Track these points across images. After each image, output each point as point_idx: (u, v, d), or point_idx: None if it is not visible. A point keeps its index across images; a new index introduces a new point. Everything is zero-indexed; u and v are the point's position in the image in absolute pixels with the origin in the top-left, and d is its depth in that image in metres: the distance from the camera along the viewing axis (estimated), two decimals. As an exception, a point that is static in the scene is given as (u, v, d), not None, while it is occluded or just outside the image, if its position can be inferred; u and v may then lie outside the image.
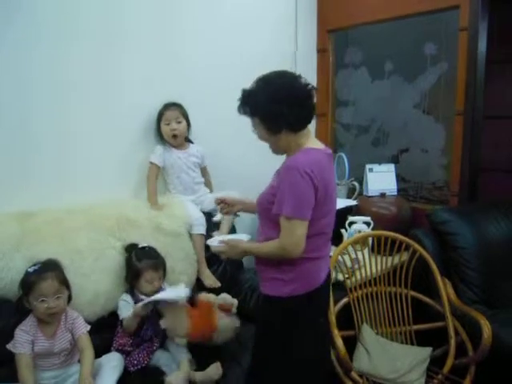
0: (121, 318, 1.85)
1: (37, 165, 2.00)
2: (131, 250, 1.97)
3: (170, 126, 2.25)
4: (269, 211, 1.52)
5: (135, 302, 1.87)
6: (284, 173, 1.47)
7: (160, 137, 2.31)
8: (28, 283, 1.64)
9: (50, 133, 2.03)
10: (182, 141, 2.32)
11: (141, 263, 1.90)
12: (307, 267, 1.54)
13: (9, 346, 1.60)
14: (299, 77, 1.53)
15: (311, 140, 1.58)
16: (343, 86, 3.26)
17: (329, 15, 3.11)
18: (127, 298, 1.90)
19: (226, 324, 1.94)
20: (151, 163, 2.25)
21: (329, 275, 1.67)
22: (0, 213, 1.83)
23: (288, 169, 1.46)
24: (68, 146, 2.09)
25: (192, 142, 2.41)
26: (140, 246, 1.98)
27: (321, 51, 3.23)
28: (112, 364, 1.73)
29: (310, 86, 1.52)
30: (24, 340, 1.61)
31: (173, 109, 2.27)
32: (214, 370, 1.77)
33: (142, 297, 1.89)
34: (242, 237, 1.72)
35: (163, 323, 1.82)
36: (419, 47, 2.79)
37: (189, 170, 2.32)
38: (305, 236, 1.46)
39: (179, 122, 2.26)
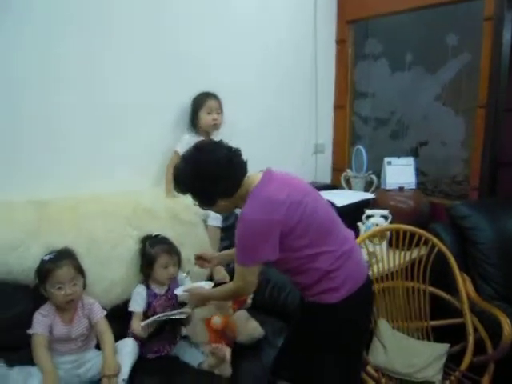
0: (129, 309, 1.86)
1: (58, 153, 2.02)
2: (145, 240, 1.98)
3: (212, 115, 2.24)
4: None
5: (148, 295, 1.88)
6: (237, 223, 1.50)
7: (193, 125, 2.30)
8: (44, 271, 1.67)
9: (73, 121, 2.04)
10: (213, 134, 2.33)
11: (154, 249, 1.91)
12: (349, 264, 1.54)
13: (29, 331, 1.63)
14: (219, 145, 1.55)
15: (251, 179, 1.54)
16: (362, 77, 3.20)
17: (348, 6, 3.07)
18: (141, 289, 1.90)
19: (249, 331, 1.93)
20: (175, 152, 2.24)
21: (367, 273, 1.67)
22: (18, 201, 1.84)
23: (238, 222, 1.50)
24: (91, 135, 2.10)
25: None
26: (153, 235, 1.99)
27: (340, 42, 3.19)
28: (127, 350, 1.74)
29: (232, 150, 1.53)
30: (41, 322, 1.64)
31: (214, 98, 2.28)
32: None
33: (156, 289, 1.90)
34: (202, 285, 1.84)
35: (185, 331, 1.87)
36: (441, 38, 2.73)
37: None
38: (255, 283, 1.55)
39: (218, 113, 2.27)
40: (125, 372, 1.63)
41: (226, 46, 2.54)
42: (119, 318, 1.88)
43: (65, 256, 1.71)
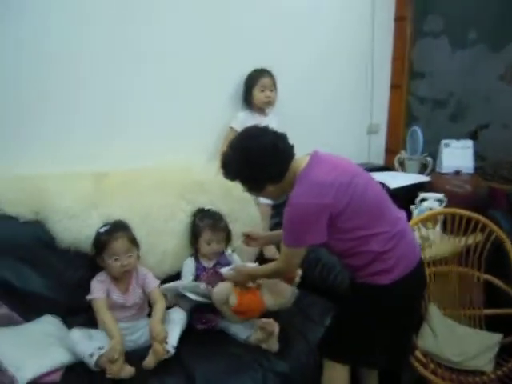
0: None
1: (117, 127, 2.08)
2: (197, 213, 2.02)
3: (265, 93, 2.24)
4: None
5: (197, 267, 1.93)
6: (286, 206, 1.50)
7: (247, 102, 2.31)
8: (101, 242, 1.73)
9: (132, 97, 2.10)
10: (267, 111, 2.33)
11: (202, 222, 1.95)
12: (402, 246, 1.52)
13: (87, 296, 1.70)
14: (264, 131, 1.54)
15: (298, 163, 1.54)
16: (420, 56, 3.08)
17: (409, -19, 2.94)
18: (189, 261, 1.95)
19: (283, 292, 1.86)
20: (231, 128, 2.25)
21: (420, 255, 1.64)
22: (79, 172, 1.92)
23: (286, 205, 1.50)
24: (148, 110, 2.15)
25: None
26: (206, 208, 2.02)
27: (399, 19, 3.07)
28: (176, 318, 1.78)
29: (278, 135, 1.54)
30: (100, 288, 1.71)
31: (268, 76, 2.27)
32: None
33: (205, 262, 1.95)
34: (249, 264, 1.87)
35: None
36: (508, 13, 2.57)
37: None
38: (299, 263, 1.60)
39: (272, 91, 2.26)
40: (174, 339, 1.67)
41: (284, 24, 2.51)
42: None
43: (120, 228, 1.77)
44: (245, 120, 2.24)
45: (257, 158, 1.48)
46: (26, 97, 1.86)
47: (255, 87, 2.25)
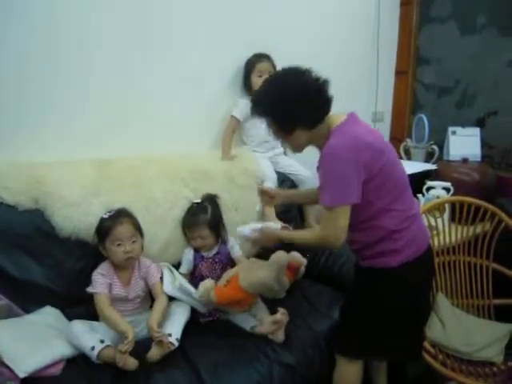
0: (179, 271, 1.88)
1: (120, 114, 2.03)
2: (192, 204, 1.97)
3: (263, 78, 2.17)
4: None
5: (195, 257, 1.90)
6: (320, 161, 1.42)
7: (246, 88, 2.25)
8: (104, 228, 1.68)
9: (137, 85, 2.05)
10: None
11: (184, 219, 1.94)
12: (414, 229, 1.48)
13: (89, 289, 1.66)
14: (308, 72, 1.43)
15: (334, 118, 1.47)
16: (427, 42, 3.01)
17: (416, -36, 2.88)
18: (187, 250, 1.93)
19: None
20: (232, 116, 2.21)
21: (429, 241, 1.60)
22: (79, 159, 1.87)
23: (322, 158, 1.41)
24: (151, 97, 2.10)
25: None
26: (194, 202, 1.97)
27: (405, 4, 3.01)
28: (179, 310, 1.74)
29: (320, 81, 1.43)
30: (102, 281, 1.66)
31: (265, 61, 2.20)
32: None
33: (203, 251, 1.91)
34: (271, 225, 1.73)
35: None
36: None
37: None
38: (346, 226, 1.41)
39: None
40: (177, 332, 1.63)
41: (287, 9, 2.45)
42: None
43: (124, 214, 1.73)
44: (246, 107, 2.19)
45: (295, 96, 1.39)
46: (26, 84, 1.80)
47: (253, 73, 2.20)
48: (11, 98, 1.78)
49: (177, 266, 1.92)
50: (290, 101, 1.39)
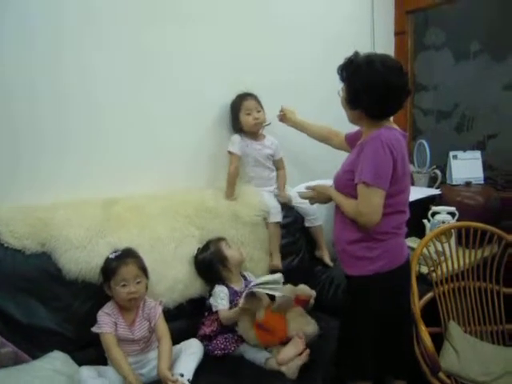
0: (215, 309, 1.86)
1: (119, 152, 2.04)
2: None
3: (252, 115, 2.20)
4: (347, 187, 1.59)
5: (230, 293, 1.89)
6: (367, 143, 1.51)
7: (236, 128, 2.27)
8: (110, 268, 1.68)
9: (131, 123, 2.05)
10: (260, 131, 2.29)
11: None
12: (392, 243, 1.58)
13: (94, 329, 1.64)
14: (400, 71, 1.53)
15: (389, 122, 1.62)
16: (423, 69, 3.07)
17: (407, -5, 2.94)
18: (222, 287, 1.90)
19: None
20: (230, 153, 2.20)
21: (408, 256, 1.68)
22: (83, 200, 1.87)
23: (371, 139, 1.50)
24: (148, 137, 2.11)
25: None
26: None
27: (399, 34, 3.07)
28: (191, 350, 1.72)
29: (408, 89, 1.55)
30: (108, 321, 1.65)
31: (250, 98, 2.22)
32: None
33: (234, 286, 1.92)
34: (324, 182, 1.81)
35: (238, 329, 1.80)
36: (510, 23, 2.56)
37: (264, 161, 2.27)
38: (381, 206, 1.50)
39: (259, 111, 2.23)
40: (189, 372, 1.61)
41: (281, 41, 2.49)
42: (183, 317, 1.89)
43: (130, 254, 1.72)
44: (241, 142, 2.22)
45: (382, 91, 1.48)
46: (31, 129, 1.83)
47: (241, 111, 2.22)
48: (22, 142, 1.81)
49: (186, 304, 1.91)
50: (367, 86, 1.50)
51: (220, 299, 1.86)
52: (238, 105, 2.24)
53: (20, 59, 1.76)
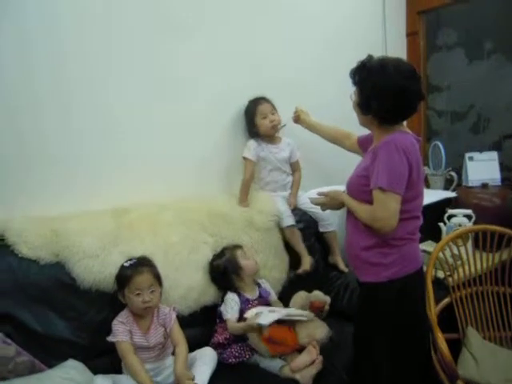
0: (225, 317, 1.85)
1: (131, 161, 2.05)
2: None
3: (268, 118, 2.20)
4: (361, 192, 1.57)
5: (241, 301, 1.88)
6: (381, 148, 1.49)
7: (252, 133, 2.27)
8: (124, 277, 1.68)
9: (143, 131, 2.07)
10: (277, 134, 2.29)
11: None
12: (407, 249, 1.56)
13: (109, 338, 1.64)
14: (413, 75, 1.50)
15: (402, 127, 1.61)
16: (436, 69, 3.03)
17: (419, -5, 2.92)
18: (233, 295, 1.89)
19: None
20: (245, 158, 2.20)
21: (422, 261, 1.67)
22: (96, 210, 1.89)
23: (385, 144, 1.48)
24: (160, 144, 2.12)
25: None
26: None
27: (411, 35, 3.05)
28: (205, 359, 1.72)
29: (421, 94, 1.53)
30: (123, 329, 1.65)
31: (264, 102, 2.23)
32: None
33: (247, 295, 1.92)
34: (338, 187, 1.78)
35: (249, 342, 1.79)
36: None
37: (281, 165, 2.27)
38: (398, 211, 1.47)
39: (274, 113, 2.23)
40: (203, 381, 1.61)
41: (289, 40, 2.50)
42: (197, 324, 1.89)
43: (144, 263, 1.73)
44: (257, 147, 2.22)
45: (388, 88, 1.47)
46: (40, 139, 1.85)
47: (256, 116, 2.22)
48: (32, 154, 1.83)
49: (200, 312, 1.91)
50: (378, 93, 1.49)
51: (230, 308, 1.86)
52: (252, 110, 2.24)
53: (27, 70, 1.78)
